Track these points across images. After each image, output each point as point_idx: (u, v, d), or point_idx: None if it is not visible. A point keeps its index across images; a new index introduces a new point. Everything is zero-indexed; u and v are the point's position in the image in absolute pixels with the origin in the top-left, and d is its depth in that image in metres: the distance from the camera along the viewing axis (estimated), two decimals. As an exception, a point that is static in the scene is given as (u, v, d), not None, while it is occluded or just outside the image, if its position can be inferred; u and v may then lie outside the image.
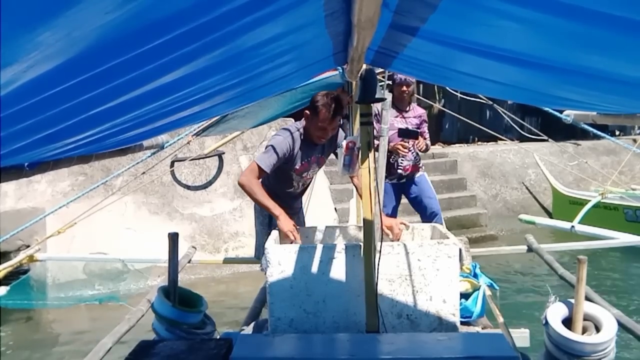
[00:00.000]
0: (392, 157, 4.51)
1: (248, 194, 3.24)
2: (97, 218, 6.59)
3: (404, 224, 3.20)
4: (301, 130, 3.28)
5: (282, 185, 3.42)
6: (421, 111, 4.83)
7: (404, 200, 4.92)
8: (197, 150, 7.32)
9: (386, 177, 4.57)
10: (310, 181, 3.61)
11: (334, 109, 3.10)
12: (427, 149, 4.72)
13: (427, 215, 4.63)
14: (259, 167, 3.16)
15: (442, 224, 4.37)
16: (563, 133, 10.06)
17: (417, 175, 4.76)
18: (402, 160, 4.61)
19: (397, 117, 4.58)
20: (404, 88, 4.53)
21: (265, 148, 3.28)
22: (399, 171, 4.65)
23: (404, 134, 4.45)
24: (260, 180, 3.21)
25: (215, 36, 1.06)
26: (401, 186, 4.78)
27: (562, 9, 0.93)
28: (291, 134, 3.25)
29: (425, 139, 4.68)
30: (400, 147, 4.45)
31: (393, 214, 4.66)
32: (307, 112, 3.20)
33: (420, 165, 4.83)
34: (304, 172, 3.39)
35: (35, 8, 0.62)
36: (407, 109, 4.69)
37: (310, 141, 3.29)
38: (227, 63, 1.35)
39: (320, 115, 3.11)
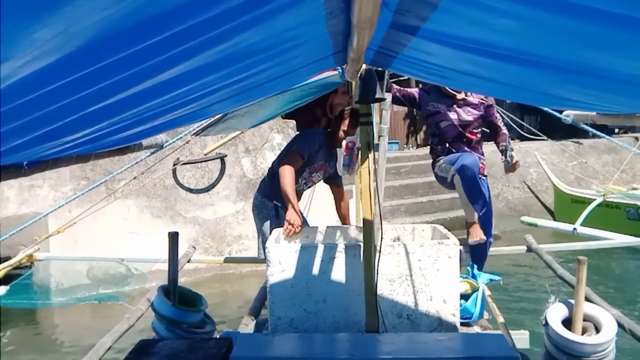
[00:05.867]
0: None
1: (280, 178, 3.39)
2: (100, 222, 6.65)
3: None
4: (324, 136, 3.57)
5: None
6: (478, 96, 4.00)
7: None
8: (200, 153, 7.32)
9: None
10: (312, 185, 3.78)
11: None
12: (507, 140, 4.02)
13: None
14: (298, 154, 3.45)
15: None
16: (564, 132, 10.04)
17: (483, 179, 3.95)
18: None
19: (450, 107, 3.96)
20: None
21: (299, 138, 3.61)
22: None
23: (458, 135, 3.91)
24: (271, 176, 3.60)
25: (213, 34, 1.05)
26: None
27: (561, 7, 0.93)
28: (321, 133, 3.59)
29: (499, 126, 4.04)
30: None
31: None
32: (332, 117, 3.50)
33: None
34: (314, 172, 3.61)
35: (32, 3, 0.61)
36: (462, 97, 3.97)
37: (331, 146, 3.55)
38: (225, 61, 1.34)
39: (345, 118, 3.43)
